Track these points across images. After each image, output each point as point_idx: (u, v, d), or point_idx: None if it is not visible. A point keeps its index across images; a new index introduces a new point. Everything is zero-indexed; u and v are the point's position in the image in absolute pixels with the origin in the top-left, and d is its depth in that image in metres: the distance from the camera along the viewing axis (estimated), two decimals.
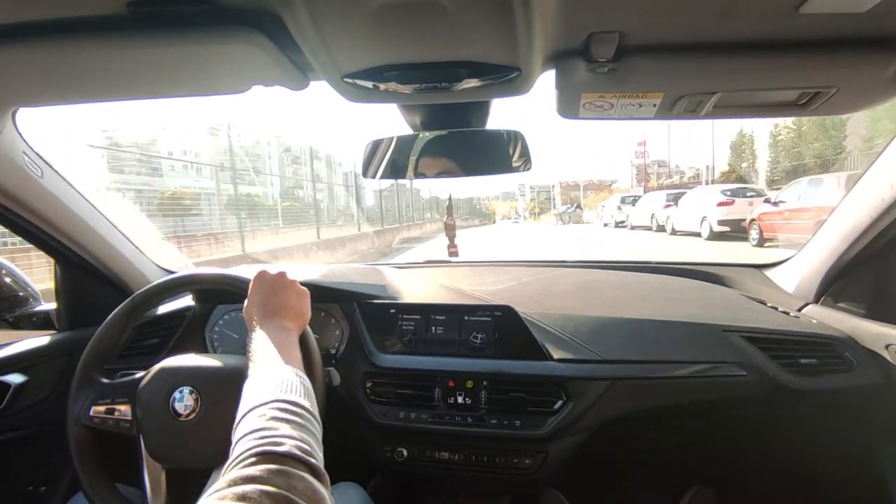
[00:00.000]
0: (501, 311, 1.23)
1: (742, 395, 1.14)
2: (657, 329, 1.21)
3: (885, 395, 1.12)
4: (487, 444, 1.17)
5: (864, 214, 1.12)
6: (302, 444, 0.56)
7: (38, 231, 1.18)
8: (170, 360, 0.96)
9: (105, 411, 0.94)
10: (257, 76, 0.83)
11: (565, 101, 0.88)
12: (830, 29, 0.70)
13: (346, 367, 1.23)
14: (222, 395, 0.89)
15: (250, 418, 0.60)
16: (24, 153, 1.08)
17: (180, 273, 1.08)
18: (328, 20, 0.62)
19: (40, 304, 1.39)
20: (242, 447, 0.55)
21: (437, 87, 0.81)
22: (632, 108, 0.88)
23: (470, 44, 0.70)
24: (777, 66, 0.76)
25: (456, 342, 1.24)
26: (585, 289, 1.45)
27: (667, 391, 1.16)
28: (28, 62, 0.76)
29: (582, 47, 0.74)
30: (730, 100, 0.86)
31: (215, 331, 1.36)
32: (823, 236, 1.28)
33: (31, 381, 1.23)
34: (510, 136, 1.05)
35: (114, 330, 1.00)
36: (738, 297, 1.42)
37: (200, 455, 0.87)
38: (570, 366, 1.15)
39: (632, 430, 1.33)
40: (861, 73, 0.78)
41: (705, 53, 0.75)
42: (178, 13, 0.65)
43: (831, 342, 1.17)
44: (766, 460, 1.49)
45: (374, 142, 1.09)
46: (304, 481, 0.51)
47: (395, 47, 0.71)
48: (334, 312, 1.32)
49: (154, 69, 0.79)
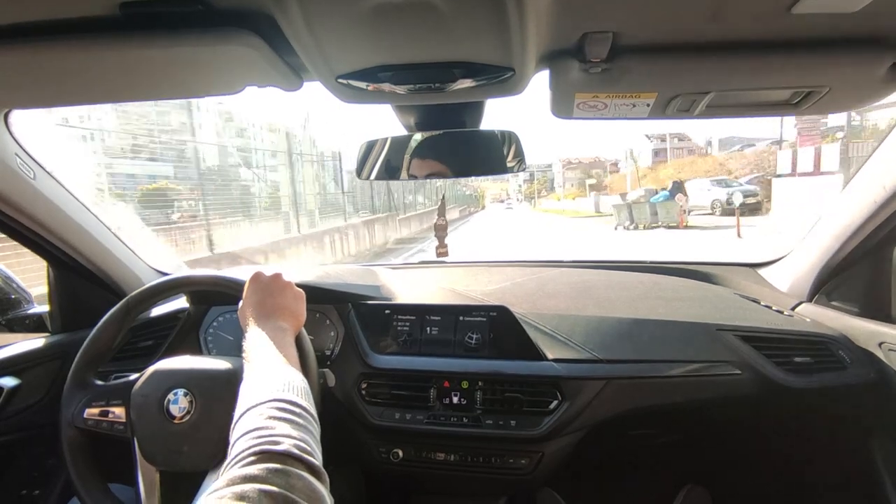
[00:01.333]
0: (496, 312, 1.23)
1: (736, 393, 1.15)
2: (652, 328, 1.22)
3: (879, 393, 1.13)
4: (483, 444, 1.17)
5: (857, 214, 1.13)
6: (301, 443, 0.56)
7: (30, 233, 1.18)
8: (164, 362, 0.96)
9: (99, 414, 0.94)
10: (251, 77, 0.83)
11: (559, 101, 0.88)
12: (822, 29, 0.70)
13: (341, 368, 1.23)
14: (217, 396, 0.88)
15: (248, 417, 0.60)
16: (16, 155, 1.07)
17: (174, 275, 1.08)
18: (322, 21, 0.62)
19: (33, 307, 1.38)
20: (241, 446, 0.55)
21: (430, 88, 0.81)
22: (625, 108, 0.89)
23: (464, 44, 0.70)
24: (770, 66, 0.77)
25: (451, 342, 1.24)
26: (580, 288, 1.46)
27: (661, 390, 1.16)
28: (20, 64, 0.76)
29: (576, 47, 0.75)
30: (723, 99, 0.86)
31: (210, 332, 1.36)
32: (817, 235, 1.29)
33: (24, 385, 1.22)
34: (504, 136, 1.05)
35: (107, 332, 1.00)
36: (732, 295, 1.42)
37: (195, 457, 0.87)
38: (565, 366, 1.15)
39: (627, 429, 1.33)
40: (853, 72, 0.78)
41: (698, 53, 0.75)
42: (170, 14, 0.65)
43: (825, 341, 1.17)
44: (760, 458, 1.50)
45: (368, 143, 1.09)
46: (302, 480, 0.51)
47: (389, 48, 0.71)
48: (329, 314, 1.32)
49: (147, 70, 0.79)
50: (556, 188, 60.70)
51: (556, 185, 61.30)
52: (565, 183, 56.06)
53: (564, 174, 58.07)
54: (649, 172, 34.06)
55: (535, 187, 63.98)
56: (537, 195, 59.00)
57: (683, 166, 30.05)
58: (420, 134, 1.06)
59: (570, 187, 48.93)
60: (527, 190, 65.49)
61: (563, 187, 55.57)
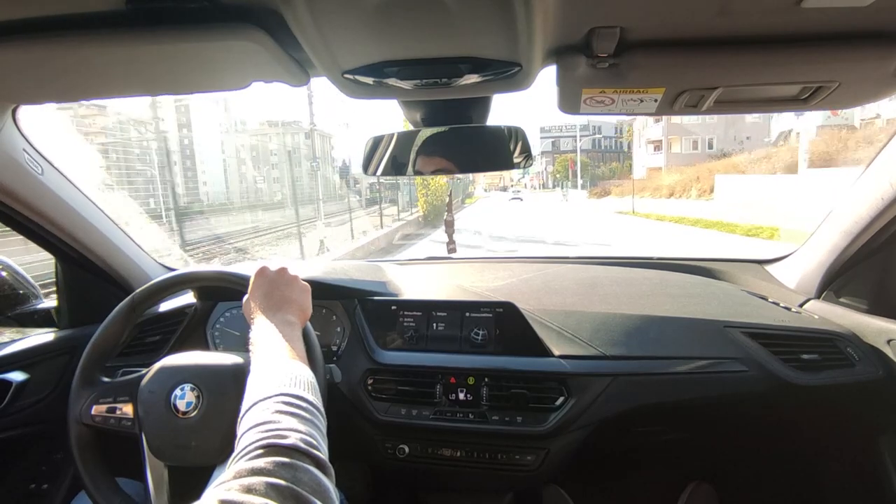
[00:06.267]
0: (503, 308, 1.23)
1: (743, 390, 1.14)
2: (658, 325, 1.21)
3: (887, 391, 1.12)
4: (489, 440, 1.17)
5: (865, 211, 1.12)
6: (308, 437, 0.56)
7: (38, 229, 1.18)
8: (170, 357, 0.96)
9: (106, 410, 0.95)
10: (257, 72, 0.83)
11: (566, 97, 0.88)
12: (832, 23, 0.69)
13: (348, 363, 1.23)
14: (224, 391, 0.89)
15: (256, 411, 0.60)
16: (24, 150, 1.08)
17: (180, 270, 1.08)
18: (328, 16, 0.62)
19: (41, 302, 1.39)
20: (248, 439, 0.55)
21: (437, 83, 0.81)
22: (633, 104, 0.88)
23: (470, 39, 0.70)
24: (779, 61, 0.76)
25: (457, 339, 1.24)
26: (587, 285, 1.45)
27: (668, 387, 1.15)
28: (28, 59, 0.76)
29: (583, 42, 0.74)
30: (731, 95, 0.86)
31: (216, 328, 1.37)
32: (825, 232, 1.28)
33: (32, 379, 1.23)
34: (511, 132, 1.05)
35: (114, 328, 1.01)
36: (739, 292, 1.41)
37: (202, 452, 0.87)
38: (571, 362, 1.15)
39: (633, 425, 1.33)
40: (863, 67, 0.77)
41: (707, 49, 0.74)
42: (176, 10, 0.65)
43: (833, 338, 1.17)
44: (767, 455, 1.49)
45: (374, 138, 1.09)
46: (308, 474, 0.52)
47: (396, 43, 0.71)
48: (335, 309, 1.32)
49: (153, 66, 0.79)
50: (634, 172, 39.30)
51: (636, 167, 40.02)
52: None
53: (650, 153, 37.47)
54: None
55: (559, 170, 45.53)
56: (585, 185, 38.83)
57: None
58: (427, 129, 1.06)
59: (666, 177, 27.50)
60: (552, 173, 49.01)
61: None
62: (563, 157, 51.29)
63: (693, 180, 23.10)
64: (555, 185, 49.35)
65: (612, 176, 46.04)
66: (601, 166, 50.78)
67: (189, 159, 28.36)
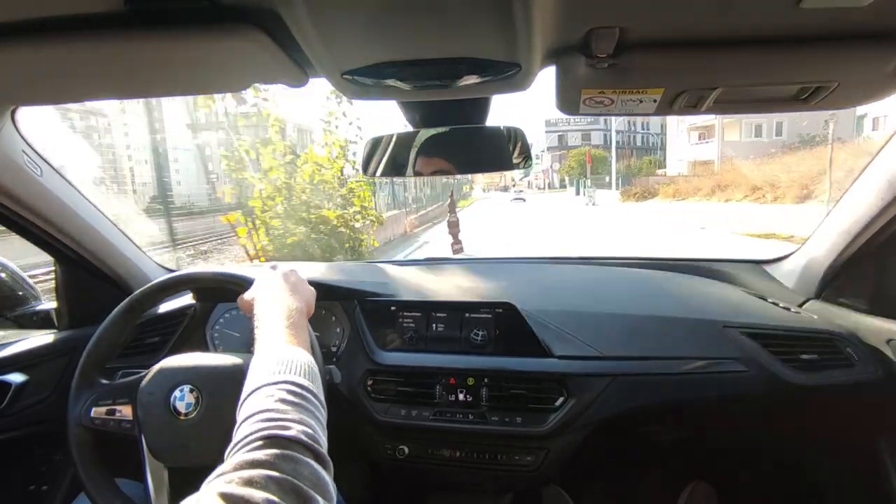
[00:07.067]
0: (502, 308, 1.23)
1: (743, 390, 1.14)
2: (658, 325, 1.21)
3: (886, 391, 1.12)
4: (489, 441, 1.17)
5: (865, 211, 1.12)
6: (308, 429, 0.55)
7: (37, 230, 1.18)
8: (169, 359, 0.96)
9: (106, 412, 0.94)
10: (256, 73, 0.83)
11: (566, 97, 0.88)
12: (831, 23, 0.69)
13: (347, 364, 1.23)
14: (223, 393, 0.89)
15: (256, 398, 0.59)
16: (23, 152, 1.08)
17: (180, 271, 1.08)
18: (327, 17, 0.62)
19: (41, 303, 1.39)
20: (249, 428, 0.54)
21: (436, 84, 0.81)
22: (632, 104, 0.88)
23: (469, 40, 0.70)
24: (778, 61, 0.76)
25: (457, 339, 1.24)
26: (586, 285, 1.45)
27: (668, 387, 1.15)
28: (27, 61, 0.76)
29: (582, 43, 0.74)
30: (731, 95, 0.86)
31: (216, 329, 1.36)
32: (824, 232, 1.28)
33: (31, 381, 1.23)
34: (510, 132, 1.05)
35: (113, 330, 1.00)
36: (738, 292, 1.41)
37: (202, 453, 0.87)
38: (571, 362, 1.15)
39: (632, 425, 1.33)
40: (862, 67, 0.77)
41: (706, 49, 0.74)
42: (176, 10, 0.65)
43: (832, 338, 1.17)
44: (766, 455, 1.49)
45: (374, 139, 1.09)
46: (309, 468, 0.51)
47: (395, 44, 0.71)
48: (335, 310, 1.32)
49: (152, 67, 0.79)
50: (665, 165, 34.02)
51: (669, 161, 34.04)
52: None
53: (693, 142, 30.84)
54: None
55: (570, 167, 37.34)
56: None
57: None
58: (426, 130, 1.06)
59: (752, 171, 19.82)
60: (562, 170, 41.72)
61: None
62: (576, 150, 43.21)
63: (797, 177, 16.43)
64: (563, 184, 42.39)
65: (639, 173, 36.87)
66: (630, 161, 43.52)
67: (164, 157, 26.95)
